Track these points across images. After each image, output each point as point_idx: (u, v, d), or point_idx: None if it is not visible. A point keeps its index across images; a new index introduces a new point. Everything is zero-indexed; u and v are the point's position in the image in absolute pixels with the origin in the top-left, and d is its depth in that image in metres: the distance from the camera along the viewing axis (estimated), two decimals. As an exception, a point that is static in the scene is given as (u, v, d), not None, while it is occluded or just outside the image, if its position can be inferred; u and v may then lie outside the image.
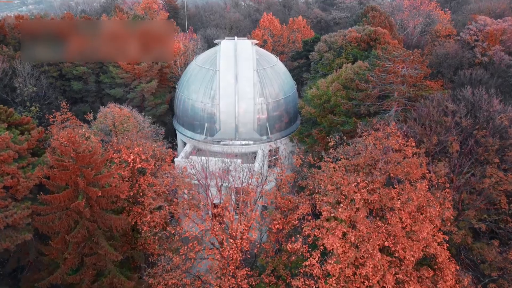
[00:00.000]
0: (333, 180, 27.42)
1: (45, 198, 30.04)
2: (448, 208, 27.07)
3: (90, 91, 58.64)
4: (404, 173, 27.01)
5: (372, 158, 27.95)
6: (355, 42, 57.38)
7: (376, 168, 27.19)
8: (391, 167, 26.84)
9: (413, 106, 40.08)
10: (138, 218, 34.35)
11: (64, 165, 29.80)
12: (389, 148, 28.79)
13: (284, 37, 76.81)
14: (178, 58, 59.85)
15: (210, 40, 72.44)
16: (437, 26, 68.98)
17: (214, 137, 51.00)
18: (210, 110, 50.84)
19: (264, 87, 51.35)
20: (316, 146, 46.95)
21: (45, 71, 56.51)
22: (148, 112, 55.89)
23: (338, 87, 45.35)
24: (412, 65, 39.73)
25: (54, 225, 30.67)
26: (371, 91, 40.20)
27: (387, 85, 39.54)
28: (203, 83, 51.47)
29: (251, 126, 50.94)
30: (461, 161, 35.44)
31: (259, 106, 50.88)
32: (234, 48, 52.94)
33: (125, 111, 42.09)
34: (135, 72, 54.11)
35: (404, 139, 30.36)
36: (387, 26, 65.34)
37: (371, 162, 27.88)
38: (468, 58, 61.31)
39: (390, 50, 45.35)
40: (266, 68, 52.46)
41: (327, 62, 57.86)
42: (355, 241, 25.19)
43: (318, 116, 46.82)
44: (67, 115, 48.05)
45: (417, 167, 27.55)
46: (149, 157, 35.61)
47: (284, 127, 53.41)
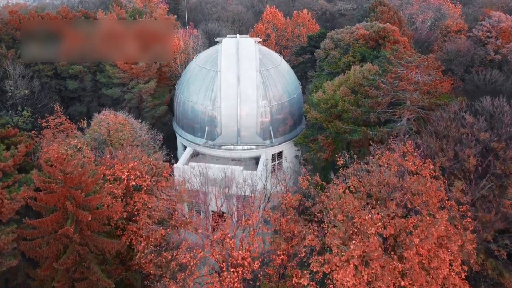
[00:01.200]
0: (344, 208, 24.70)
1: (31, 223, 27.47)
2: (470, 240, 24.36)
3: (87, 90, 55.67)
4: (422, 202, 24.27)
5: (387, 184, 25.17)
6: (363, 39, 54.15)
7: (391, 198, 24.44)
8: (408, 198, 24.10)
9: (428, 115, 37.20)
10: (134, 237, 31.82)
11: (51, 187, 27.15)
12: (405, 172, 25.99)
13: (288, 31, 73.39)
14: (178, 56, 56.74)
15: (212, 36, 69.18)
16: (448, 21, 65.53)
17: (215, 142, 48.21)
18: (211, 113, 47.95)
19: (267, 89, 48.34)
20: (321, 153, 44.18)
21: (40, 70, 53.54)
22: (146, 113, 53.12)
23: (346, 91, 42.38)
24: (427, 71, 36.69)
25: (42, 250, 28.17)
26: (382, 99, 37.25)
27: (399, 92, 36.58)
28: (204, 85, 48.51)
29: (253, 130, 48.09)
30: (477, 176, 32.79)
31: (262, 109, 47.94)
32: (236, 47, 49.81)
33: (121, 118, 39.28)
34: (133, 72, 51.09)
35: (420, 158, 27.51)
36: (396, 22, 61.94)
37: (386, 190, 25.09)
38: (480, 56, 58.16)
39: (402, 53, 42.28)
40: (269, 68, 49.37)
41: (333, 60, 54.71)
42: (368, 279, 22.61)
43: (325, 121, 43.94)
44: (61, 119, 45.40)
45: (436, 194, 24.75)
46: (145, 172, 32.89)
47: (288, 130, 50.51)
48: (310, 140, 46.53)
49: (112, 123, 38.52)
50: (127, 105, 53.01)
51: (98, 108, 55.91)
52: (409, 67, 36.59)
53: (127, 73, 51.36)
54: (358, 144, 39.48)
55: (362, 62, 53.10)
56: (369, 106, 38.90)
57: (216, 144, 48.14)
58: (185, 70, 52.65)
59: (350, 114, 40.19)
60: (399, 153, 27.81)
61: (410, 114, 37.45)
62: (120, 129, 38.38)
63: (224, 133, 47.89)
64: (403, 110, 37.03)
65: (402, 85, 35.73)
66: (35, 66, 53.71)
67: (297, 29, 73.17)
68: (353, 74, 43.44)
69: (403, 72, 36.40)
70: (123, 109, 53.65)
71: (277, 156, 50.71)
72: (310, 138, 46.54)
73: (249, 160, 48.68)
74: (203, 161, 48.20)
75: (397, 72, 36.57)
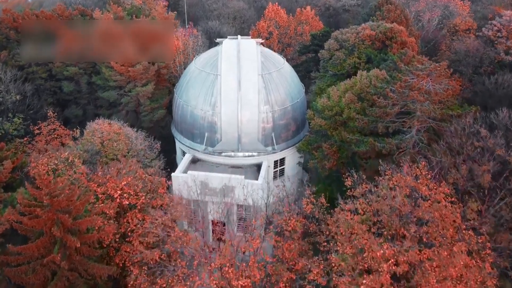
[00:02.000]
0: (352, 237, 22.51)
1: (15, 250, 25.37)
2: (490, 273, 22.17)
3: (83, 92, 53.28)
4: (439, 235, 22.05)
5: (399, 213, 22.93)
6: (369, 40, 51.58)
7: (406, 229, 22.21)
8: (424, 230, 21.88)
9: (439, 126, 34.81)
10: (127, 258, 29.72)
11: (36, 211, 24.99)
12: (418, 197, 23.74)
13: (291, 29, 70.65)
14: (177, 57, 54.23)
15: (212, 34, 66.67)
16: (456, 20, 62.75)
17: (215, 148, 45.94)
18: (211, 118, 45.60)
19: (269, 93, 45.91)
20: (326, 162, 41.86)
21: (34, 71, 51.20)
22: (144, 117, 50.79)
23: (352, 98, 39.95)
24: (439, 80, 34.23)
25: (28, 277, 26.10)
26: (390, 109, 34.84)
27: (409, 102, 34.17)
28: (203, 89, 46.09)
29: (255, 136, 45.77)
30: (492, 193, 30.58)
31: (264, 114, 45.56)
32: (237, 49, 47.31)
33: (115, 127, 37.04)
34: (129, 75, 48.66)
35: (435, 182, 25.21)
36: (403, 21, 59.22)
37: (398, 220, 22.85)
38: (490, 56, 55.58)
39: (412, 58, 39.83)
40: (272, 72, 46.88)
41: (338, 61, 52.20)
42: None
43: (329, 129, 41.58)
44: (55, 125, 43.20)
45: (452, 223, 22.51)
46: (140, 189, 30.64)
47: (291, 136, 48.16)
48: (314, 147, 44.19)
49: (106, 133, 36.29)
50: (124, 109, 50.69)
51: (94, 111, 53.71)
52: (419, 75, 34.13)
53: (123, 76, 48.93)
54: (365, 156, 37.17)
55: (368, 64, 50.71)
56: (376, 116, 36.51)
57: (216, 150, 45.90)
58: (184, 72, 50.20)
59: (356, 123, 37.81)
60: (411, 175, 25.51)
61: (420, 125, 35.09)
62: (114, 139, 36.13)
63: (224, 140, 45.61)
64: (413, 120, 34.65)
65: (413, 95, 33.29)
66: (29, 68, 51.39)
67: (300, 27, 70.44)
68: (359, 80, 40.98)
69: (414, 81, 33.94)
70: (120, 112, 51.48)
71: (279, 162, 48.47)
72: (313, 145, 44.20)
73: (250, 167, 46.47)
74: (202, 168, 46.11)
75: (407, 80, 34.10)
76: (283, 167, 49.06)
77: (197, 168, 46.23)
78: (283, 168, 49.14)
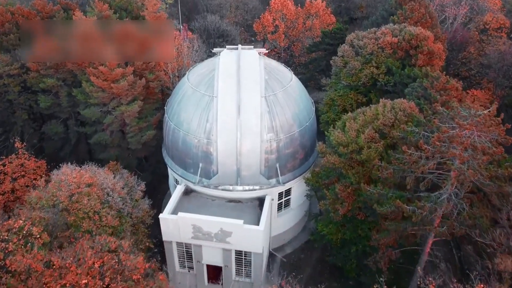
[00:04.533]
0: None
1: None
2: None
3: (63, 106, 45.36)
4: None
5: None
6: (390, 48, 43.18)
7: None
8: None
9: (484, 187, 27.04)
10: None
11: None
12: None
13: (299, 23, 61.59)
14: (170, 64, 45.93)
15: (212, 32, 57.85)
16: (487, 17, 53.52)
17: (210, 181, 38.57)
18: (205, 148, 37.98)
19: (274, 118, 37.98)
20: (339, 206, 34.37)
21: (5, 84, 43.32)
22: (131, 138, 43.11)
23: (373, 135, 32.10)
24: (489, 131, 26.24)
25: None
26: (423, 164, 27.02)
27: (448, 160, 26.33)
28: (197, 112, 38.22)
29: (256, 169, 38.23)
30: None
31: (268, 144, 37.83)
32: (237, 64, 39.10)
33: (86, 177, 29.52)
34: (113, 92, 40.67)
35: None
36: (428, 21, 50.25)
37: None
38: (526, 62, 47.18)
39: (449, 92, 31.66)
40: (277, 92, 38.74)
41: (353, 72, 44.02)
42: None
43: (344, 167, 33.94)
44: (21, 160, 35.85)
45: None
46: (112, 273, 23.60)
47: (298, 164, 40.53)
48: (325, 184, 36.67)
49: (75, 185, 28.88)
50: (108, 128, 43.00)
51: (77, 127, 46.12)
52: (462, 125, 26.10)
53: (106, 92, 40.94)
54: (389, 219, 29.68)
55: (387, 76, 42.57)
56: (404, 165, 28.72)
57: (212, 184, 38.56)
58: (176, 88, 42.01)
59: (378, 173, 30.09)
60: None
61: (458, 183, 27.34)
62: (85, 193, 28.78)
63: (221, 172, 38.16)
64: (451, 179, 26.90)
65: (453, 153, 25.40)
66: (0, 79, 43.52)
67: (309, 21, 61.34)
68: (382, 113, 32.93)
69: (456, 132, 25.97)
70: (105, 131, 43.89)
71: (285, 193, 41.17)
72: (324, 181, 36.63)
73: (251, 201, 39.29)
74: (196, 201, 39.11)
75: (447, 132, 26.13)
76: (289, 197, 41.81)
77: (191, 201, 39.17)
78: (289, 198, 41.89)
